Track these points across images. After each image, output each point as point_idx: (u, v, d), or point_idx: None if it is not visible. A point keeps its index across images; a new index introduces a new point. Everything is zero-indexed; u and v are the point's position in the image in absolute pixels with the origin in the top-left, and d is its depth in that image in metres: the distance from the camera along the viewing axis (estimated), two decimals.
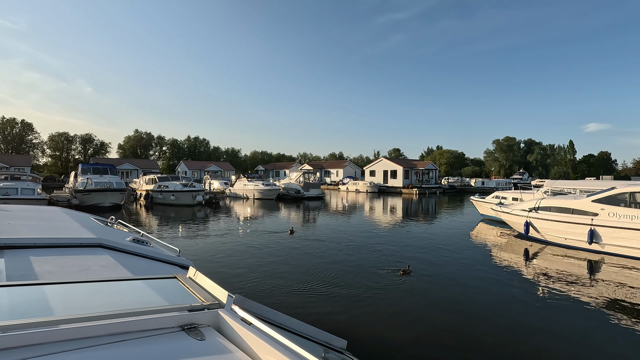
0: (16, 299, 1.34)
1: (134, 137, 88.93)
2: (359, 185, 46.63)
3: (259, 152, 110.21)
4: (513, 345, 4.98)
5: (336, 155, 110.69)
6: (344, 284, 7.42)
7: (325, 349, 1.62)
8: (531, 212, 12.21)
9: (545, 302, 6.63)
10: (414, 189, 44.05)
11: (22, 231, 2.90)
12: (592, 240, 10.36)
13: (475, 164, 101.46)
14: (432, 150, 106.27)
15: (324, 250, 10.68)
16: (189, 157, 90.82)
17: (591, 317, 6.02)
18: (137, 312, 1.26)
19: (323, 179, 62.90)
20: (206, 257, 9.80)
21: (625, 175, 76.64)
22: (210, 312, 1.38)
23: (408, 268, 8.43)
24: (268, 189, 31.20)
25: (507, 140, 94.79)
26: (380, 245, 11.51)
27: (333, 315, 5.88)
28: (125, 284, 1.67)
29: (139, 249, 2.85)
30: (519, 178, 59.17)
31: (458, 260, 9.67)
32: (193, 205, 24.88)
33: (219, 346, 1.20)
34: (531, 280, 8.05)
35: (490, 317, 5.94)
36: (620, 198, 10.24)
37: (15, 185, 20.44)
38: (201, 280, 1.67)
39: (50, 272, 2.00)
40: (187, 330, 1.27)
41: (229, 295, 1.48)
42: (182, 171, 70.83)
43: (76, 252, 2.48)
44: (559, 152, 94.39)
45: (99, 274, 2.08)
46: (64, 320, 1.13)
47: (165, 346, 1.15)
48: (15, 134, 74.62)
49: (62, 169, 74.37)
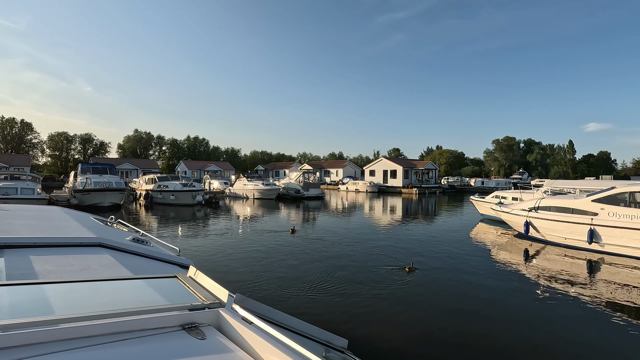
0: (16, 298, 1.34)
1: (133, 137, 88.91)
2: (358, 185, 46.63)
3: (258, 152, 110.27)
4: (514, 345, 4.98)
5: (336, 155, 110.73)
6: (344, 283, 7.42)
7: (326, 348, 1.62)
8: (531, 211, 12.22)
9: (545, 302, 6.63)
10: (414, 189, 44.05)
11: (22, 230, 2.90)
12: (591, 240, 10.37)
13: (475, 164, 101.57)
14: (432, 150, 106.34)
15: (324, 250, 10.67)
16: (188, 156, 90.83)
17: (591, 316, 6.02)
18: (138, 312, 1.26)
19: (323, 178, 62.90)
20: (206, 256, 9.80)
21: (624, 175, 76.74)
22: (211, 312, 1.38)
23: (412, 266, 8.54)
24: (268, 189, 31.19)
25: (507, 140, 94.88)
26: (379, 245, 11.51)
27: (334, 314, 5.87)
28: (126, 284, 1.67)
29: (139, 248, 2.85)
30: (518, 178, 59.22)
31: (458, 260, 9.67)
32: (193, 205, 24.87)
33: (220, 345, 1.20)
34: (531, 280, 8.05)
35: (491, 317, 5.94)
36: (620, 198, 10.25)
37: (15, 185, 20.42)
38: (202, 279, 1.67)
39: (50, 272, 2.00)
40: (188, 329, 1.27)
41: (229, 294, 1.47)
42: (182, 171, 70.84)
43: (76, 252, 2.48)
44: (558, 152, 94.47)
45: (99, 273, 2.08)
46: (65, 320, 1.13)
47: (166, 345, 1.15)
48: (14, 134, 74.61)
49: (62, 169, 74.38)
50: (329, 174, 66.36)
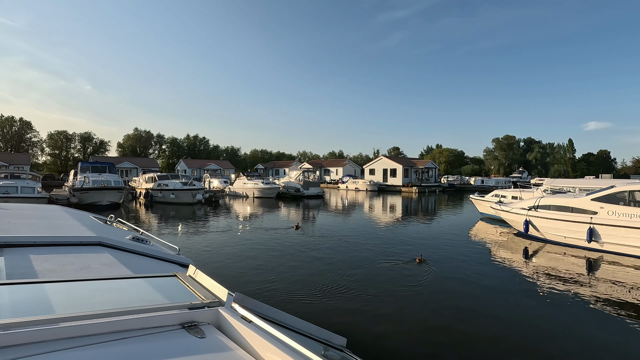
0: (17, 297, 1.34)
1: (133, 135, 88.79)
2: (358, 184, 46.63)
3: (258, 151, 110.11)
4: (513, 344, 5.00)
5: (336, 154, 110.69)
6: (344, 282, 7.43)
7: (325, 347, 1.63)
8: (530, 210, 12.23)
9: (544, 301, 6.65)
10: (414, 188, 44.07)
11: (22, 229, 2.90)
12: (591, 239, 10.38)
13: (475, 163, 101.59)
14: (432, 149, 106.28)
15: (323, 248, 10.68)
16: (188, 155, 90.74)
17: (590, 315, 6.04)
18: (138, 310, 1.26)
19: (323, 177, 62.90)
20: (206, 255, 9.81)
21: (624, 173, 76.73)
22: (210, 310, 1.39)
23: (421, 257, 9.21)
24: (268, 188, 31.20)
25: (507, 139, 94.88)
26: (379, 244, 11.52)
27: (333, 312, 5.88)
28: (126, 282, 1.67)
29: (139, 247, 2.86)
30: (518, 177, 59.30)
31: (457, 259, 9.69)
32: (193, 203, 24.88)
33: (219, 344, 1.20)
34: (531, 278, 8.07)
35: (490, 316, 5.95)
36: (619, 197, 10.26)
37: (16, 184, 20.43)
38: (201, 278, 1.68)
39: (50, 271, 2.01)
40: (188, 328, 1.27)
41: (229, 293, 1.48)
42: (182, 170, 70.81)
43: (76, 251, 2.48)
44: (558, 151, 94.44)
45: (99, 272, 2.09)
46: (65, 318, 1.13)
47: (166, 344, 1.15)
48: (14, 132, 74.51)
49: (62, 168, 74.34)
50: (328, 173, 66.36)
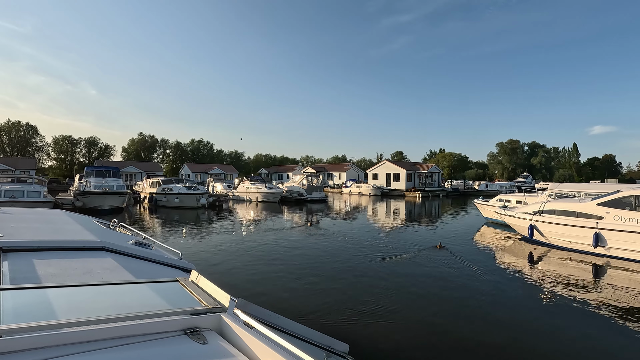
0: (20, 302, 1.35)
1: (137, 140, 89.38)
2: (362, 188, 46.54)
3: (262, 155, 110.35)
4: (518, 348, 4.94)
5: (339, 158, 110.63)
6: (347, 287, 7.40)
7: (327, 353, 1.62)
8: (535, 215, 12.13)
9: (550, 307, 6.58)
10: (417, 192, 43.90)
11: (25, 234, 2.92)
12: (597, 244, 10.28)
13: (479, 167, 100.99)
14: (435, 153, 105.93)
15: (327, 253, 10.65)
16: (192, 159, 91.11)
17: (596, 320, 5.96)
18: (141, 316, 1.26)
19: (326, 181, 62.85)
20: (209, 259, 9.81)
21: (630, 178, 76.00)
22: (212, 316, 1.39)
23: (440, 245, 10.93)
24: (271, 192, 31.24)
25: (511, 143, 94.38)
26: (381, 249, 11.46)
27: (335, 318, 5.85)
28: (128, 287, 1.68)
29: (142, 252, 2.87)
30: (522, 181, 58.96)
31: (462, 264, 9.61)
32: (197, 208, 24.94)
33: (222, 350, 1.20)
34: (536, 284, 7.99)
35: (495, 321, 5.89)
36: (625, 201, 10.16)
37: (22, 188, 20.60)
38: (203, 283, 1.68)
39: (53, 275, 2.01)
40: (190, 334, 1.27)
41: (231, 299, 1.48)
42: (186, 174, 71.05)
43: (79, 255, 2.49)
44: (563, 155, 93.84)
45: (102, 277, 2.09)
46: (68, 324, 1.14)
47: (168, 350, 1.15)
48: (20, 137, 75.26)
49: (67, 172, 74.90)
50: (332, 177, 66.33)
